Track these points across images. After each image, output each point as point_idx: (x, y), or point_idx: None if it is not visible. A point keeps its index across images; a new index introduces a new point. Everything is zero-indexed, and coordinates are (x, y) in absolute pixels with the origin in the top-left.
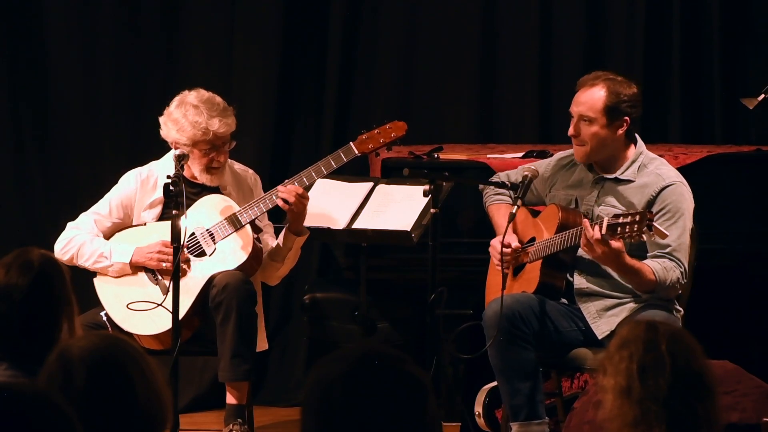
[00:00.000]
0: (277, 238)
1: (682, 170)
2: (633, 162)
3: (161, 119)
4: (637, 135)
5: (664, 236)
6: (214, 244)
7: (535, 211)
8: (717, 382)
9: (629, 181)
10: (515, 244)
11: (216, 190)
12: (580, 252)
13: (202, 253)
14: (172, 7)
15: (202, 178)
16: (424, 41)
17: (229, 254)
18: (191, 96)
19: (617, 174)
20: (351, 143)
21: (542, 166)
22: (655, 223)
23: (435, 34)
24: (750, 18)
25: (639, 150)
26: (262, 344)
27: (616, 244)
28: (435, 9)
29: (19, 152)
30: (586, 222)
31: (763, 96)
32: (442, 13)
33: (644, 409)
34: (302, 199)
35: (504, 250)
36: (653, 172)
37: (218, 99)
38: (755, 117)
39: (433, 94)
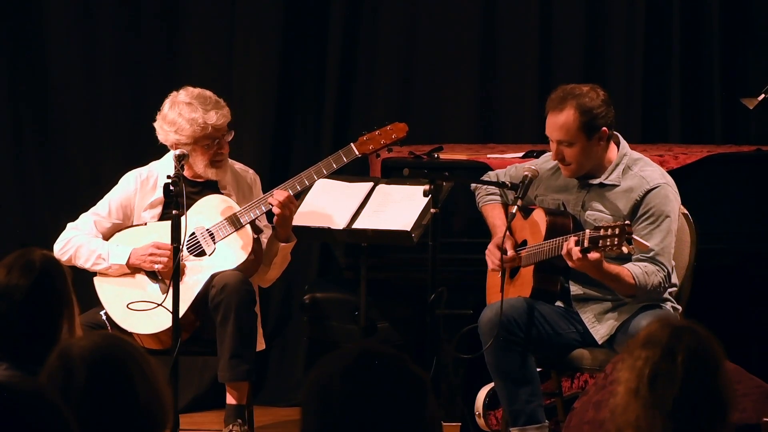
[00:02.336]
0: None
1: (682, 170)
2: (617, 165)
3: (156, 124)
4: (619, 135)
5: (644, 248)
6: (214, 244)
7: (527, 210)
8: (733, 401)
9: (614, 186)
10: (511, 252)
11: (216, 188)
12: None
13: (202, 253)
14: (172, 7)
15: (208, 173)
16: (424, 41)
17: (229, 254)
18: (181, 95)
19: (602, 179)
20: (351, 144)
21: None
22: (634, 236)
23: (435, 34)
24: (750, 18)
25: (622, 152)
26: (260, 344)
27: (593, 255)
28: (435, 9)
29: (19, 152)
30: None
31: (763, 96)
32: (442, 13)
33: (648, 415)
34: (290, 205)
35: (504, 257)
36: (637, 175)
37: (208, 93)
38: (755, 117)
39: (433, 94)
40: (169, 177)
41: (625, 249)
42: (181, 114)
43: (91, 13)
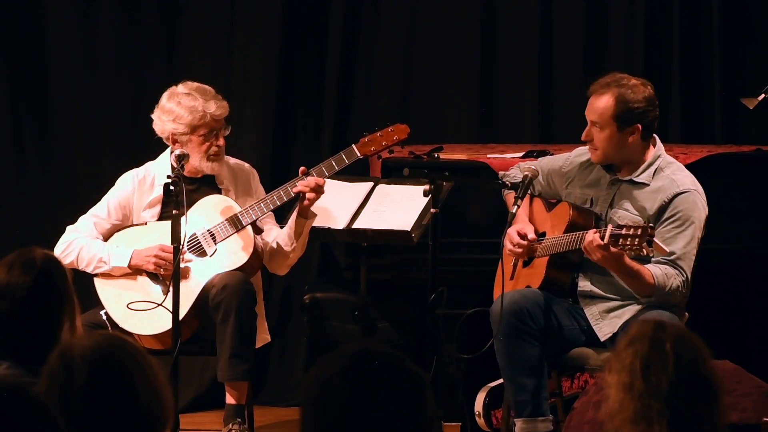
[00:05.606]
0: (280, 226)
1: None
2: (650, 165)
3: (154, 115)
4: (656, 136)
5: (664, 252)
6: (215, 244)
7: (551, 203)
8: (723, 388)
9: (644, 185)
10: (531, 235)
11: (213, 185)
12: None
13: (203, 254)
14: (172, 7)
15: (204, 167)
16: (424, 41)
17: (229, 255)
18: (179, 87)
19: (633, 176)
20: (353, 145)
21: (561, 159)
22: (655, 239)
23: (435, 34)
24: (750, 18)
25: (657, 153)
26: (265, 337)
27: (615, 249)
28: (435, 9)
29: (19, 152)
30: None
31: (763, 96)
32: (442, 13)
33: (645, 406)
34: (321, 189)
35: (520, 241)
36: (668, 177)
37: (207, 86)
38: (755, 117)
39: (433, 94)
40: (169, 177)
41: (644, 251)
42: (180, 103)
43: (91, 13)
